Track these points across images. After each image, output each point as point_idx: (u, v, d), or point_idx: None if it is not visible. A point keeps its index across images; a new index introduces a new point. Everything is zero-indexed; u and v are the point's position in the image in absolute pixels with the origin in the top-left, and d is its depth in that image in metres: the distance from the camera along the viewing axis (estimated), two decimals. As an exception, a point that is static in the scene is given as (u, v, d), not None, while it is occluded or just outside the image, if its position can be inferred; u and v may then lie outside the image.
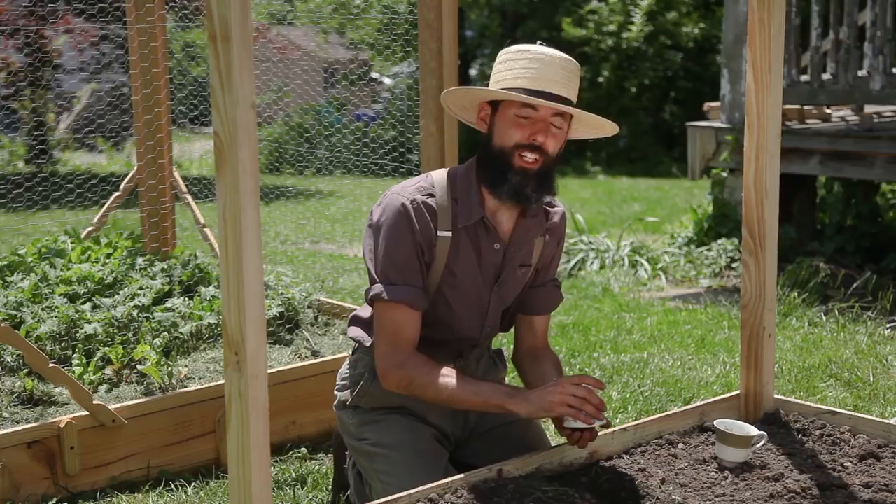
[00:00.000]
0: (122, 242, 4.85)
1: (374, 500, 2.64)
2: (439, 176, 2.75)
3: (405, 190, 2.70)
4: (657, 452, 2.78)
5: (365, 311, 2.89)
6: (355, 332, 2.90)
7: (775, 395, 3.09)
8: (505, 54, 2.67)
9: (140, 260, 4.60)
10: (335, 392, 2.98)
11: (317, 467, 3.70)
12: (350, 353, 3.00)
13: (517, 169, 2.63)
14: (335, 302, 4.63)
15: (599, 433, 2.64)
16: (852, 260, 6.95)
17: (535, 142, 2.62)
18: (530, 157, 2.62)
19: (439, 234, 2.67)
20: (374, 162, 6.35)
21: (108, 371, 3.80)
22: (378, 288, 2.67)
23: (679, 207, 10.85)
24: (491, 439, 2.93)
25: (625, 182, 14.48)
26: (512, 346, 3.01)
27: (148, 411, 3.59)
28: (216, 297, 4.24)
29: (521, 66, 2.60)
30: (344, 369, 2.98)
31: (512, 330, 3.02)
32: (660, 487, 2.53)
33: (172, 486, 3.55)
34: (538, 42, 2.68)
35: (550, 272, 2.92)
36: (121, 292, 4.22)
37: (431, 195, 2.69)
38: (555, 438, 3.79)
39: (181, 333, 4.01)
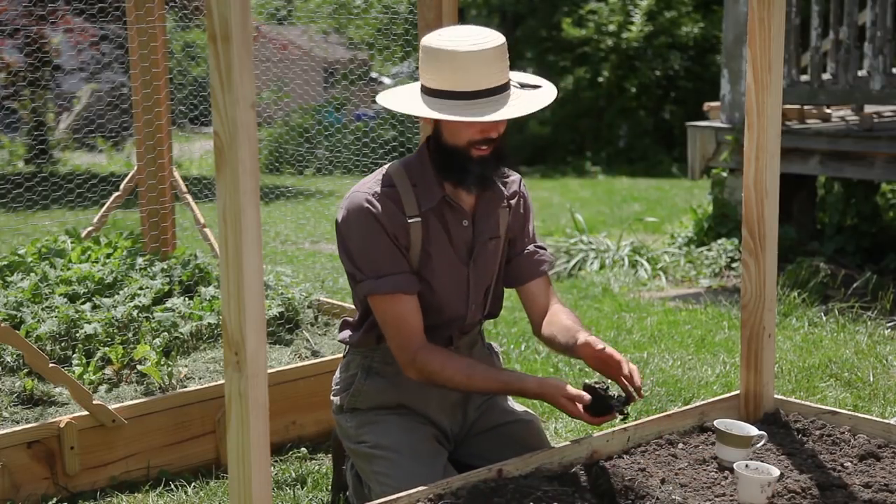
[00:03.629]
0: (122, 242, 4.85)
1: (373, 501, 2.65)
2: (394, 167, 2.79)
3: (364, 186, 2.74)
4: (657, 452, 2.78)
5: (354, 316, 2.92)
6: (343, 334, 2.94)
7: (775, 395, 3.09)
8: (431, 50, 2.61)
9: (140, 260, 4.60)
10: (331, 397, 2.98)
11: (317, 467, 3.70)
12: (342, 356, 3.02)
13: (476, 160, 2.67)
14: (335, 302, 4.63)
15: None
16: (852, 260, 6.95)
17: (489, 137, 2.65)
18: (485, 146, 2.66)
19: (409, 220, 2.70)
20: (374, 162, 6.34)
21: (108, 371, 3.80)
22: (368, 285, 2.69)
23: (679, 207, 10.85)
24: (491, 438, 2.93)
25: (625, 182, 14.47)
26: (507, 342, 3.01)
27: (148, 411, 3.60)
28: (216, 297, 4.24)
29: (452, 67, 2.56)
30: (337, 374, 2.99)
31: (509, 327, 3.02)
32: (660, 487, 2.53)
33: (172, 486, 3.55)
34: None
35: (528, 237, 2.93)
36: (121, 292, 4.22)
37: (391, 185, 2.73)
38: (555, 439, 3.80)
39: (181, 333, 4.01)
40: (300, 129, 10.02)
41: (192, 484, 3.57)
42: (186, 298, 4.29)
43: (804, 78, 7.32)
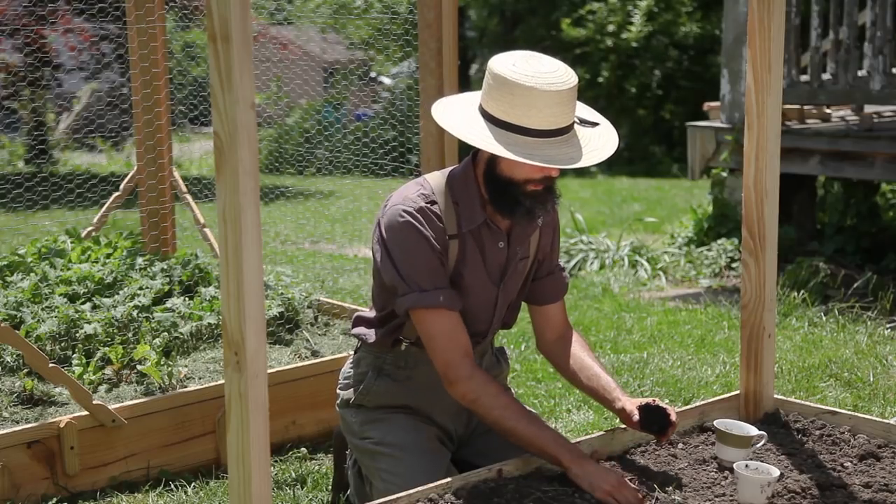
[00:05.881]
0: (122, 242, 4.85)
1: (375, 498, 2.65)
2: (436, 181, 2.73)
3: (408, 200, 2.66)
4: (657, 452, 2.78)
5: (369, 312, 2.89)
6: (358, 329, 2.90)
7: (775, 395, 3.09)
8: (506, 81, 2.52)
9: (140, 260, 4.60)
10: (338, 391, 2.98)
11: (317, 467, 3.70)
12: (352, 351, 3.00)
13: (530, 194, 2.62)
14: (335, 302, 4.63)
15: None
16: (852, 260, 6.95)
17: (549, 175, 2.61)
18: (542, 183, 2.62)
19: (448, 238, 2.67)
20: (374, 162, 6.34)
21: (108, 371, 3.80)
22: (412, 298, 2.61)
23: (679, 207, 10.85)
24: (493, 438, 2.93)
25: (625, 182, 14.47)
26: (507, 342, 3.00)
27: (148, 411, 3.60)
28: (216, 298, 4.24)
29: (528, 103, 2.50)
30: (347, 368, 2.98)
31: (511, 329, 3.01)
32: (660, 487, 2.53)
33: (172, 486, 3.55)
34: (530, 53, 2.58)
35: (553, 260, 2.93)
36: (121, 292, 4.23)
37: (434, 202, 2.68)
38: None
39: (181, 333, 4.02)
40: (300, 129, 10.02)
41: (192, 484, 3.57)
42: (186, 298, 4.29)
43: (804, 78, 7.32)
